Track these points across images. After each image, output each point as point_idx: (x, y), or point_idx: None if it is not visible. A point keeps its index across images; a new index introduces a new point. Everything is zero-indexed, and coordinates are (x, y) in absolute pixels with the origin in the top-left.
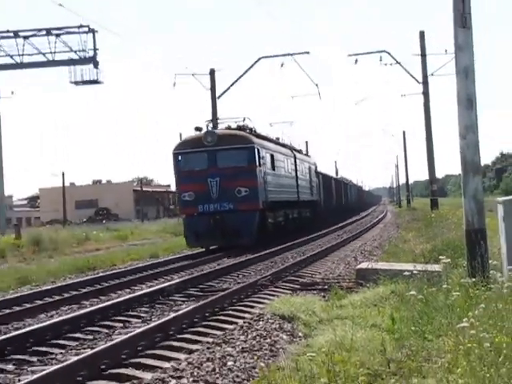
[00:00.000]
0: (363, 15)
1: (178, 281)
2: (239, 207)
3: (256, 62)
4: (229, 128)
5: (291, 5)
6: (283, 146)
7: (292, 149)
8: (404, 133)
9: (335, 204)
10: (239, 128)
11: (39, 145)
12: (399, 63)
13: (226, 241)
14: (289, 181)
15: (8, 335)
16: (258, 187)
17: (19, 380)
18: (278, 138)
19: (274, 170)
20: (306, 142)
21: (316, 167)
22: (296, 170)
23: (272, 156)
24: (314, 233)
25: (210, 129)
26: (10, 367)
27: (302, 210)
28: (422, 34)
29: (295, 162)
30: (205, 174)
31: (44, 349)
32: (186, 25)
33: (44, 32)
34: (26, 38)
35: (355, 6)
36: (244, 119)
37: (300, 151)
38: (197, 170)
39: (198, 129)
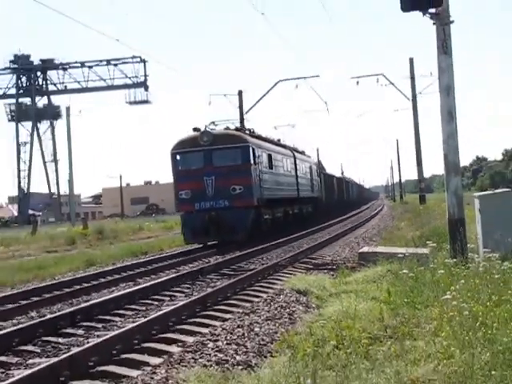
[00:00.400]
0: (364, 44)
1: (213, 262)
2: (234, 204)
3: (275, 84)
4: (227, 129)
5: (305, 35)
6: (283, 146)
7: (292, 150)
8: (397, 141)
9: (337, 199)
10: (237, 129)
11: (101, 152)
12: (393, 84)
13: (221, 237)
14: (288, 179)
15: (78, 306)
16: (252, 185)
17: (88, 342)
18: (279, 140)
19: (271, 168)
20: (317, 149)
21: (318, 167)
22: (296, 169)
23: (270, 155)
24: (320, 224)
25: (207, 129)
26: (80, 332)
27: (303, 206)
28: (411, 61)
29: (295, 161)
30: (201, 172)
31: (107, 317)
32: (210, 54)
33: (105, 62)
34: (90, 67)
35: (358, 37)
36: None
37: (302, 152)
38: (193, 168)
39: (196, 129)
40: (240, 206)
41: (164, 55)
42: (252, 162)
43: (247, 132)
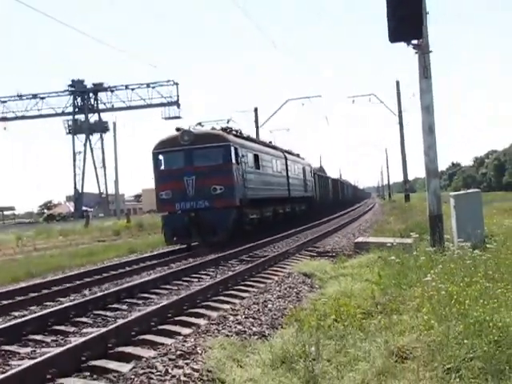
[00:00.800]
0: (358, 67)
1: (233, 250)
2: (215, 204)
3: (285, 102)
4: (213, 129)
5: (310, 59)
6: (274, 148)
7: (284, 151)
8: (386, 150)
9: (332, 199)
10: (222, 129)
11: (141, 158)
12: (383, 102)
13: (202, 237)
14: (277, 179)
15: (122, 286)
16: (234, 185)
17: (130, 315)
18: (270, 142)
19: (258, 168)
20: (320, 156)
21: (313, 169)
22: (287, 170)
23: (256, 156)
24: (322, 219)
25: (191, 129)
26: (124, 307)
27: (296, 205)
28: (397, 83)
29: (286, 162)
30: (181, 172)
31: (146, 295)
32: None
33: (144, 85)
34: (133, 89)
35: (353, 61)
36: (228, 121)
37: (297, 155)
38: (174, 168)
39: (178, 129)
40: (221, 206)
41: (164, 56)
42: (234, 161)
43: (233, 132)
